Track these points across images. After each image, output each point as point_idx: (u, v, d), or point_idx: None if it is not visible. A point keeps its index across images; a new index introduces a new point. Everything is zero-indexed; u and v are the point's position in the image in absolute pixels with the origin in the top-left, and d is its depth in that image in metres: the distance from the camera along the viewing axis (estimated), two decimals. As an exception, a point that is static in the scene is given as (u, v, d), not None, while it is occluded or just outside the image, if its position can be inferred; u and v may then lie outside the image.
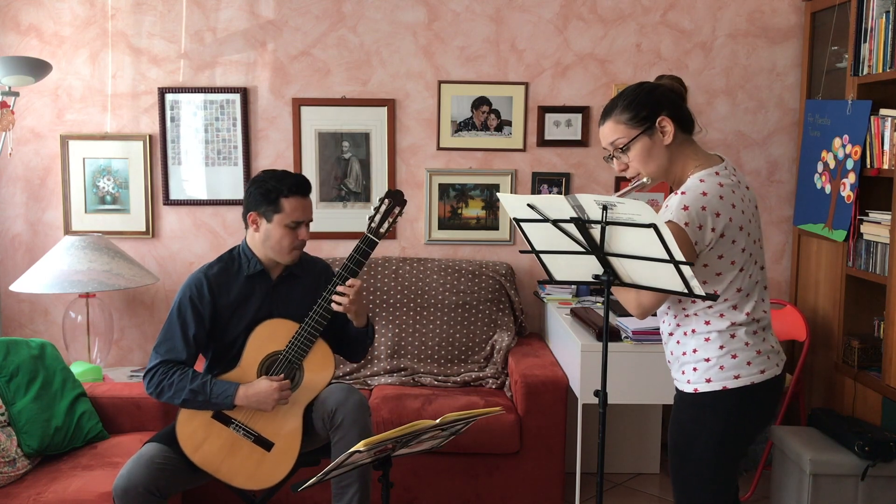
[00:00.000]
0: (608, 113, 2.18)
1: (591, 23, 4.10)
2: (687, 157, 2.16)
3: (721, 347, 2.12)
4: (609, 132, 2.17)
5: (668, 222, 2.02)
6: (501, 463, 3.43)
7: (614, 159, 2.19)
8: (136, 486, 2.47)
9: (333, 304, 2.67)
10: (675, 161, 2.16)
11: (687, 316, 2.17)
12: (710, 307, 2.12)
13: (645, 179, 2.15)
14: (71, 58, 4.06)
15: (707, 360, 2.13)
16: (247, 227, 2.76)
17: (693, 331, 2.16)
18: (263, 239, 2.72)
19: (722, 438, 2.15)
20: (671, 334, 2.23)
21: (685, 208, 2.03)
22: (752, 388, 2.12)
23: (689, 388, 2.17)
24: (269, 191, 2.66)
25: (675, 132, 2.13)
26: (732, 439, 2.16)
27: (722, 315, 2.13)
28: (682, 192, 2.08)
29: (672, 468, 2.27)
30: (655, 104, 2.13)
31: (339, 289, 2.67)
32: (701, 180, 2.09)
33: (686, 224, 2.02)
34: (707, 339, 2.14)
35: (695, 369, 2.15)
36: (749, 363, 2.12)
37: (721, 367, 2.12)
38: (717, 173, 2.12)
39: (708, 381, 2.13)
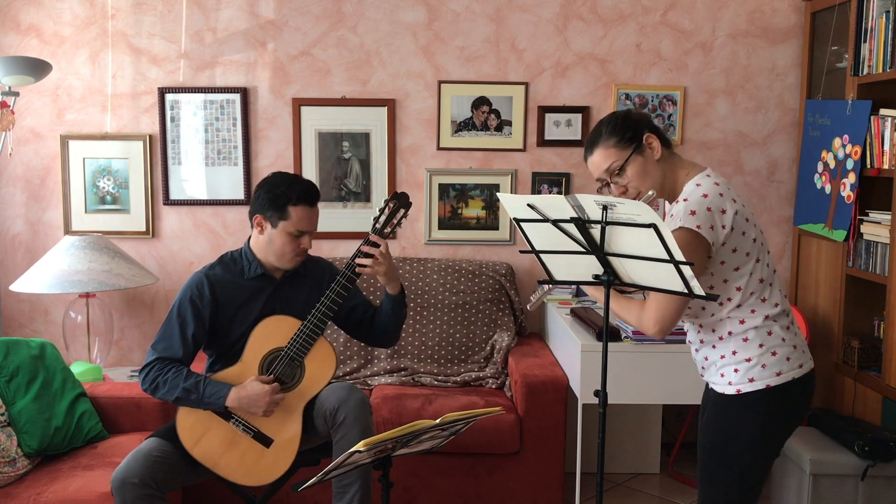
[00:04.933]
0: (594, 143, 2.23)
1: (591, 23, 4.10)
2: (675, 168, 2.24)
3: (761, 346, 2.14)
4: (601, 159, 2.22)
5: (681, 228, 2.07)
6: (501, 463, 3.43)
7: (611, 186, 2.23)
8: (132, 477, 2.48)
9: (359, 268, 2.68)
10: (666, 174, 2.22)
11: (721, 321, 2.18)
12: (738, 306, 2.15)
13: (650, 192, 2.18)
14: (71, 58, 4.06)
15: (748, 360, 2.15)
16: (252, 228, 2.76)
17: (729, 333, 2.17)
18: (267, 243, 2.72)
19: (763, 437, 2.17)
20: (703, 342, 2.24)
21: (693, 213, 2.09)
22: (793, 384, 2.14)
23: (731, 390, 2.17)
24: (278, 196, 2.66)
25: (660, 147, 2.20)
26: (772, 438, 2.19)
27: (754, 311, 2.16)
28: (685, 199, 2.13)
29: (704, 467, 2.27)
30: (636, 125, 2.20)
31: (364, 249, 2.68)
32: (697, 184, 2.16)
33: (698, 227, 2.07)
34: (745, 340, 2.15)
35: (736, 370, 2.17)
36: (788, 359, 2.14)
37: (763, 366, 2.14)
38: (707, 175, 2.19)
39: (751, 380, 2.15)
